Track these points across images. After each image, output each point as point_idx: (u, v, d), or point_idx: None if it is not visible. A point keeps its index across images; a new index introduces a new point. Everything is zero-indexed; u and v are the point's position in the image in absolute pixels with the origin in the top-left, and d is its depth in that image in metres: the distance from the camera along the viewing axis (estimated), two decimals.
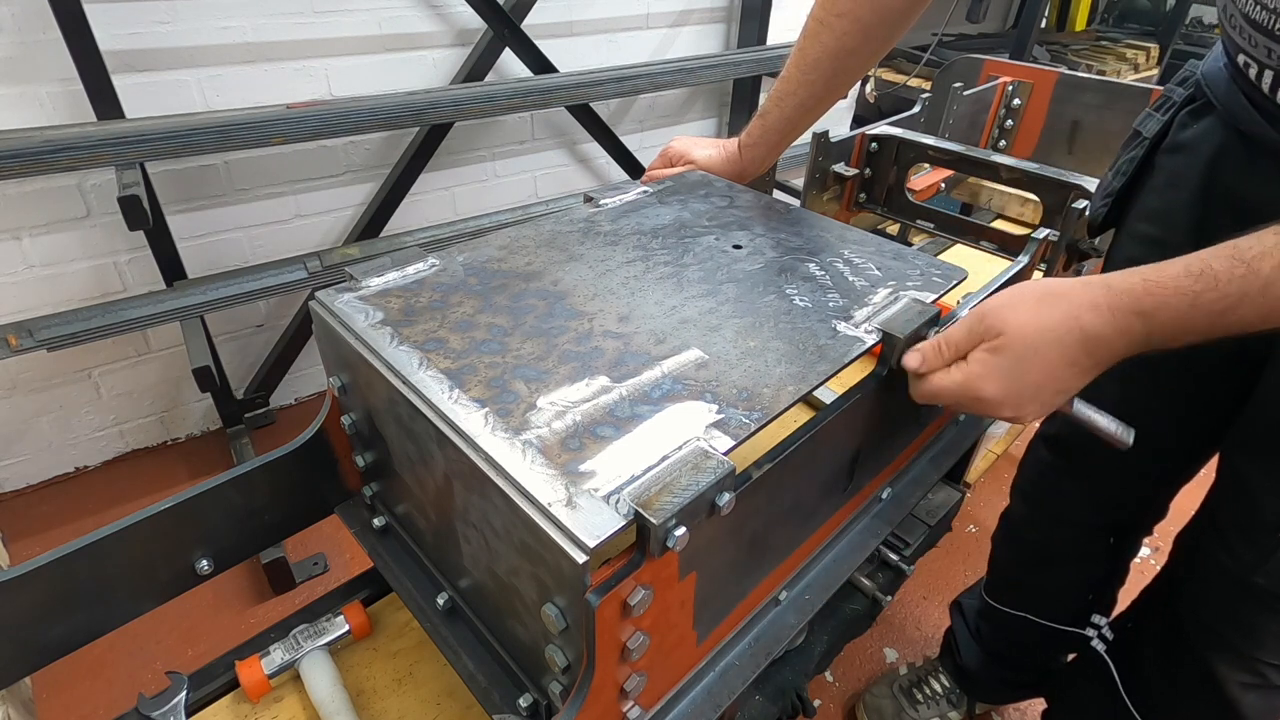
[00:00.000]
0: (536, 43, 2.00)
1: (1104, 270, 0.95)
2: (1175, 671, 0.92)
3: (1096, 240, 1.10)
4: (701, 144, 1.04)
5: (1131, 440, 0.67)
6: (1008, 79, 1.85)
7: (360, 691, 0.82)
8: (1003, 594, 1.21)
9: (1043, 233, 1.04)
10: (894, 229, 1.69)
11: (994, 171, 1.25)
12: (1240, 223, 0.72)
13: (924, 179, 1.68)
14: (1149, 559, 1.71)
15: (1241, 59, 0.70)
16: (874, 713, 1.40)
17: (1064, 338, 0.58)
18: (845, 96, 0.88)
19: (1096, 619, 1.09)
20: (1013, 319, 0.59)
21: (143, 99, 1.59)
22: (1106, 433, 0.67)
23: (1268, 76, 0.67)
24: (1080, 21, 4.39)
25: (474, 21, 1.94)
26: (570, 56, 2.16)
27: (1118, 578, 1.14)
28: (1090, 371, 0.60)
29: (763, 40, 2.52)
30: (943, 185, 1.70)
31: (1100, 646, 1.06)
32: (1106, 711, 1.01)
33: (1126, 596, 1.12)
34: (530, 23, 2.00)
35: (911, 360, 0.67)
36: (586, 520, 0.49)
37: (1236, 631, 0.83)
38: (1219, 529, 0.83)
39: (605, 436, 0.56)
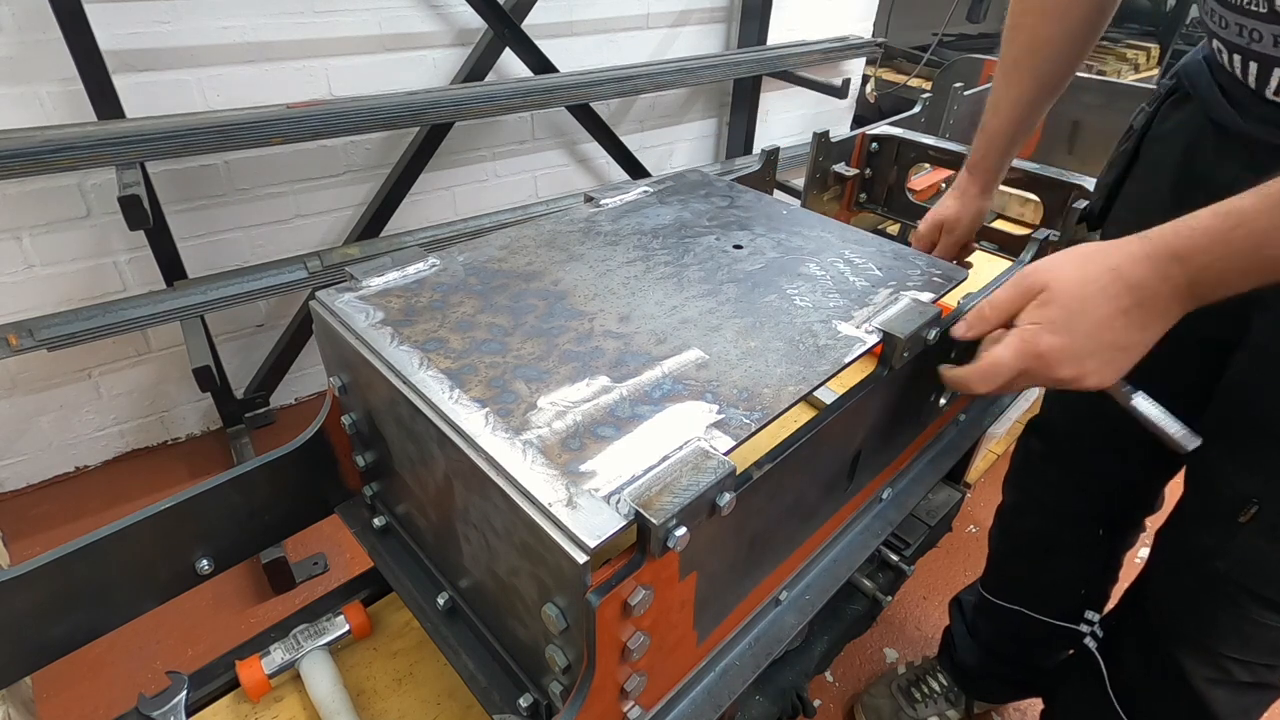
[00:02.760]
0: (537, 43, 2.00)
1: None
2: (1150, 668, 0.93)
3: (1087, 228, 1.10)
4: (940, 210, 1.06)
5: (1192, 445, 0.67)
6: None
7: (360, 691, 0.82)
8: (998, 588, 1.21)
9: (1043, 233, 1.04)
10: (894, 229, 1.69)
11: None
12: None
13: (924, 179, 1.68)
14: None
15: (1215, 44, 0.71)
16: (872, 712, 1.40)
17: (1108, 287, 0.59)
18: (1064, 89, 0.92)
19: (1090, 614, 1.10)
20: (1057, 274, 0.61)
21: (143, 99, 1.59)
22: (1168, 434, 0.67)
23: (1238, 60, 0.68)
24: None
25: (474, 21, 1.94)
26: (570, 56, 2.16)
27: (1111, 573, 1.14)
28: (1145, 326, 0.60)
29: (763, 40, 2.52)
30: (943, 185, 1.71)
31: (1092, 644, 1.06)
32: (1098, 710, 1.01)
33: (1120, 592, 1.12)
34: (530, 23, 2.00)
35: (959, 328, 0.69)
36: (587, 520, 0.49)
37: (1198, 624, 0.84)
38: (1184, 516, 0.84)
39: (606, 436, 0.56)
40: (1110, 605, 1.13)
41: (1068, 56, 0.89)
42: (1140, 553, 1.15)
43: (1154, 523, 1.06)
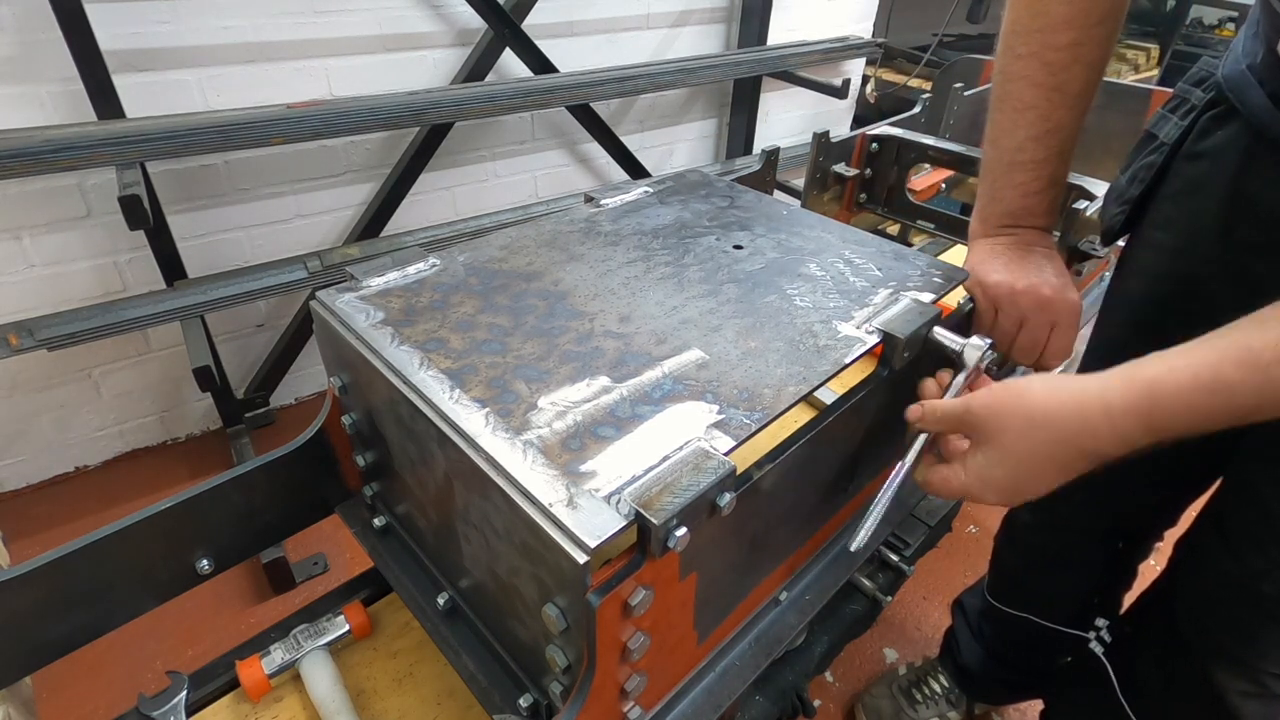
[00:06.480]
0: (537, 43, 2.00)
1: (1114, 275, 0.94)
2: (1173, 677, 0.92)
3: (1098, 243, 1.10)
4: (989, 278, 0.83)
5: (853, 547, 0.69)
6: None
7: (360, 691, 0.82)
8: (1006, 595, 1.21)
9: None
10: (894, 229, 1.69)
11: None
12: (1270, 235, 0.70)
13: (924, 179, 1.68)
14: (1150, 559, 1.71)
15: None
16: (873, 713, 1.40)
17: (1058, 456, 0.58)
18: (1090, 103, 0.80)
19: (1099, 621, 1.09)
20: (1002, 437, 0.60)
21: (143, 99, 1.59)
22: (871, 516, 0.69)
23: None
24: None
25: (474, 21, 1.94)
26: (570, 56, 2.16)
27: (1124, 581, 1.14)
28: (1089, 468, 0.59)
29: (763, 40, 2.52)
30: (943, 185, 1.71)
31: (1098, 649, 1.06)
32: (1103, 714, 1.00)
33: (1130, 598, 1.11)
34: (530, 23, 2.00)
35: (913, 412, 0.68)
36: (587, 520, 0.49)
37: (1238, 640, 0.82)
38: (1225, 536, 0.82)
39: (606, 436, 0.56)
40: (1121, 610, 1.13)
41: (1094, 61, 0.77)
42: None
43: (1170, 531, 1.05)
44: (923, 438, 0.68)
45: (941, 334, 0.72)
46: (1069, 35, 0.75)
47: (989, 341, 0.70)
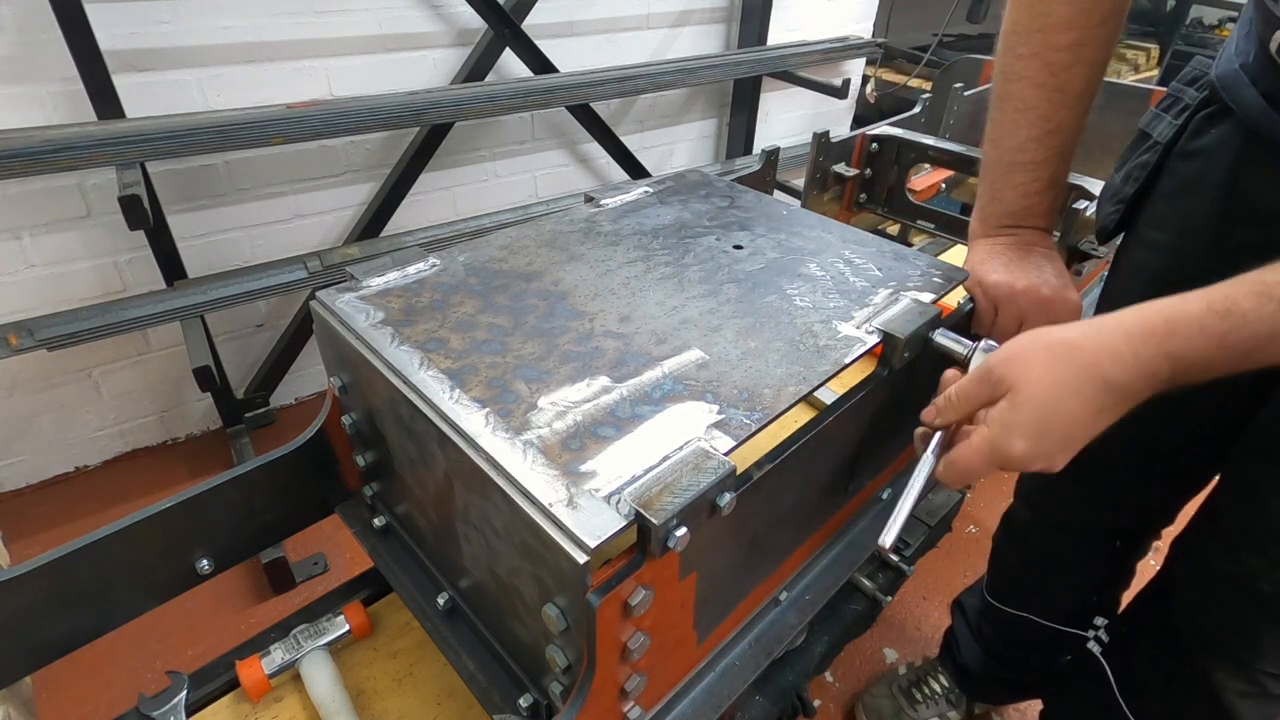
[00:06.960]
0: (537, 43, 2.00)
1: (1109, 274, 0.94)
2: (1170, 676, 0.92)
3: (1097, 242, 1.10)
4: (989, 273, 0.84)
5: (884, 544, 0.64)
6: None
7: (360, 691, 0.82)
8: (1005, 594, 1.21)
9: None
10: (894, 229, 1.69)
11: None
12: (1265, 234, 0.70)
13: (924, 179, 1.68)
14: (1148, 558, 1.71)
15: (1278, 39, 0.64)
16: (873, 713, 1.40)
17: (1084, 388, 0.56)
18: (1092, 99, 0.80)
19: (1098, 620, 1.09)
20: (1026, 375, 0.57)
21: (143, 99, 1.59)
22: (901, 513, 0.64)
23: None
24: None
25: (474, 21, 1.94)
26: (570, 56, 2.16)
27: (1122, 580, 1.14)
28: (1117, 413, 0.57)
29: (763, 40, 2.52)
30: (943, 185, 1.71)
31: (1096, 649, 1.06)
32: (1101, 714, 1.00)
33: (1128, 597, 1.11)
34: (530, 23, 2.00)
35: (929, 414, 0.66)
36: (587, 520, 0.49)
37: (1236, 639, 0.82)
38: (1223, 534, 0.82)
39: (606, 436, 0.56)
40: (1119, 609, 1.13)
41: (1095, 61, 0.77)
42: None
43: (1168, 530, 1.05)
44: (939, 436, 0.66)
45: (946, 336, 0.72)
46: (1070, 35, 0.75)
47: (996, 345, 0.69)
